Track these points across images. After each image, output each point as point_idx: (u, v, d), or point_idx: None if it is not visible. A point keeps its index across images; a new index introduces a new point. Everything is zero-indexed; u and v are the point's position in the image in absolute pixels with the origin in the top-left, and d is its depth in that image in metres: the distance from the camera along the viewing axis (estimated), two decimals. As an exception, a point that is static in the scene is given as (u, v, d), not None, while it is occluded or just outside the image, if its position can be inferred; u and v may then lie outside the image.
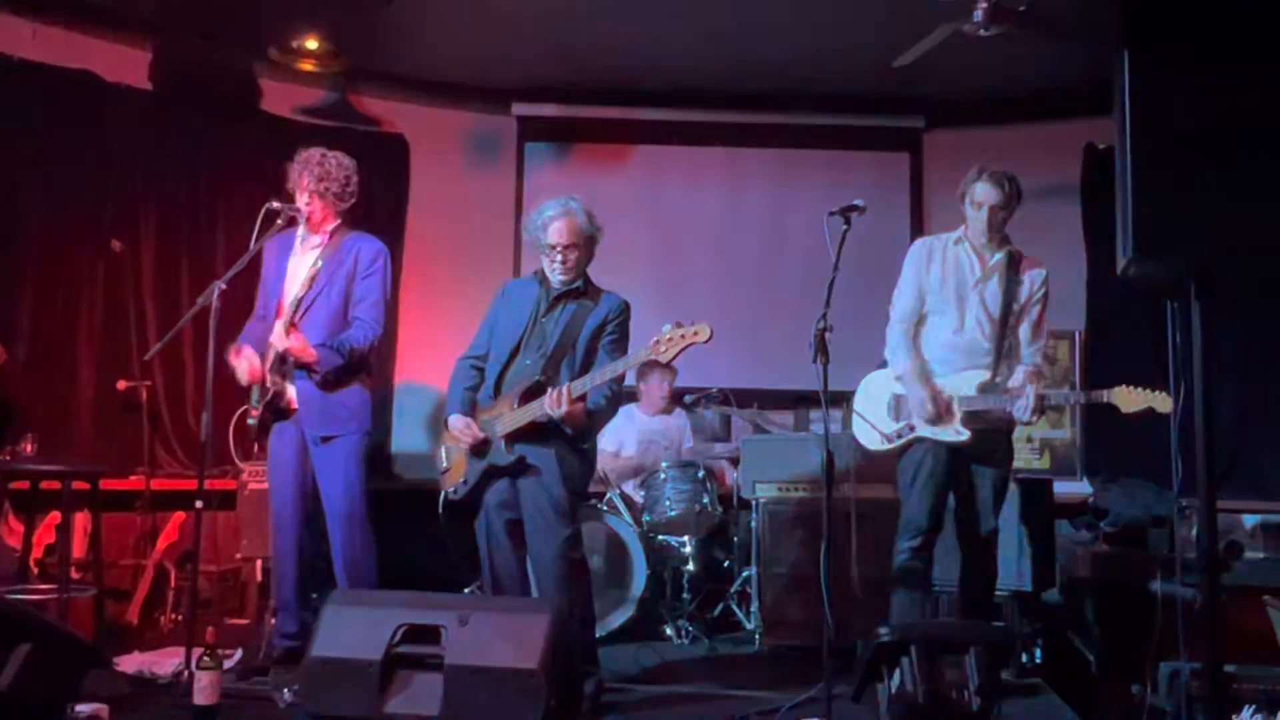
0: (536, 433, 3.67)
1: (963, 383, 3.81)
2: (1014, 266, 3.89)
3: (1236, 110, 2.42)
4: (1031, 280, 3.92)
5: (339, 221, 4.08)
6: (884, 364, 4.03)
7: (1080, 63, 5.09)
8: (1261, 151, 2.42)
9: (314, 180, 3.96)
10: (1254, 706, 3.12)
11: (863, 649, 3.28)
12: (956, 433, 3.77)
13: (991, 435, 3.82)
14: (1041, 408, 3.70)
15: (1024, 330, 3.89)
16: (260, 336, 4.02)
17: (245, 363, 3.98)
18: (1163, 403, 3.51)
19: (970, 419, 3.76)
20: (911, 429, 3.84)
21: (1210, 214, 2.43)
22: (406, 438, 6.49)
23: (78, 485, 4.43)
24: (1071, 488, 5.82)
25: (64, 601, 4.22)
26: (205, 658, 3.23)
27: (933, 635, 2.97)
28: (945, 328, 3.89)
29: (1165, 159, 2.43)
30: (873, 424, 3.94)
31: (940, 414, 3.78)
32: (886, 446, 3.90)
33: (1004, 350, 3.87)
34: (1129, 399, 3.60)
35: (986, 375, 3.82)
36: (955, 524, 3.86)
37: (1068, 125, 6.42)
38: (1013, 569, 4.27)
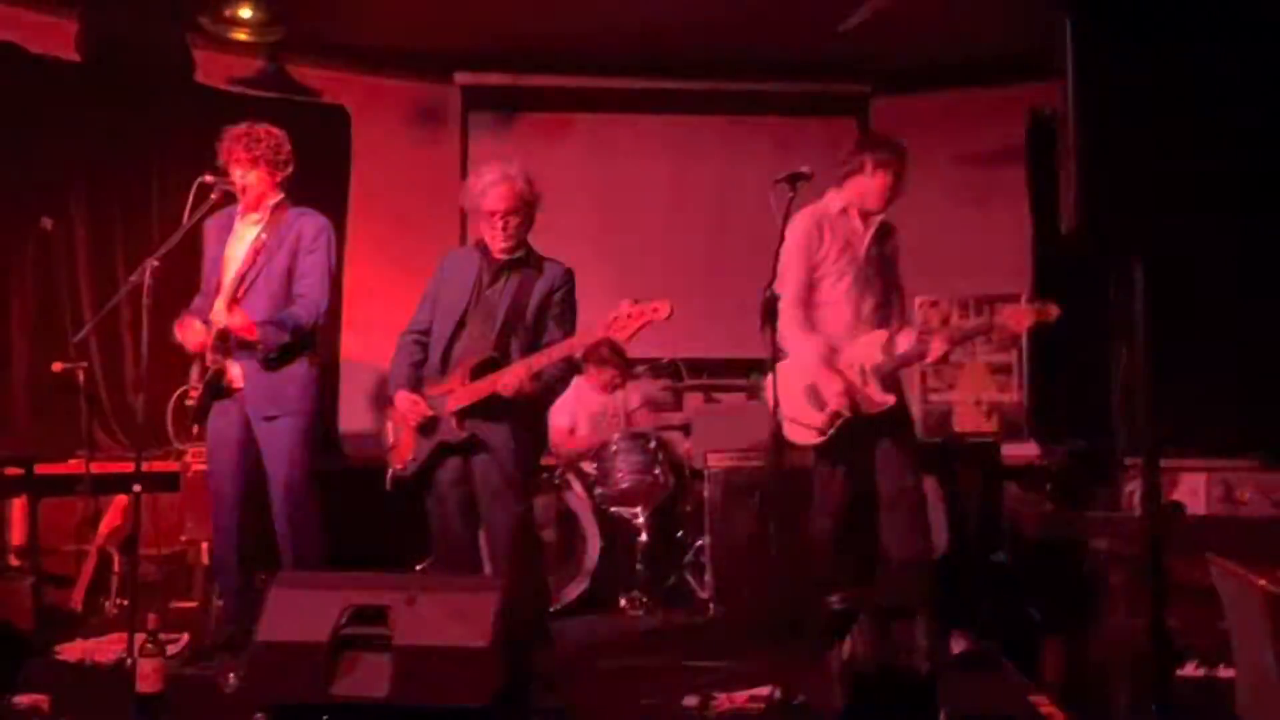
0: (487, 408, 3.63)
1: (867, 349, 3.85)
2: (884, 229, 3.98)
3: (1179, 74, 2.43)
4: (894, 240, 4.02)
5: (281, 197, 3.98)
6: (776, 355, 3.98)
7: (1024, 26, 5.08)
8: (1204, 115, 2.43)
9: (245, 151, 3.85)
10: (1195, 660, 3.18)
11: (814, 616, 3.30)
12: (882, 402, 3.80)
13: (896, 392, 3.89)
14: (951, 347, 3.81)
15: (896, 282, 4.01)
16: (205, 314, 3.93)
17: (191, 330, 3.88)
18: (1050, 312, 3.63)
19: (885, 383, 3.81)
20: (840, 414, 3.80)
21: (1154, 177, 2.44)
22: (352, 415, 6.39)
23: (11, 471, 4.31)
24: (1020, 450, 5.89)
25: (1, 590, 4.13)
26: (148, 644, 3.16)
27: (882, 602, 2.99)
28: (840, 300, 3.90)
29: (1110, 124, 2.44)
30: (801, 421, 3.86)
31: (858, 396, 3.79)
32: (822, 439, 3.85)
33: (892, 312, 3.97)
34: (1018, 317, 3.71)
35: (885, 334, 3.88)
36: (883, 490, 3.87)
37: (1012, 89, 6.43)
38: (959, 532, 4.32)
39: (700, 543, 5.09)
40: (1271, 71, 2.47)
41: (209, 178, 3.84)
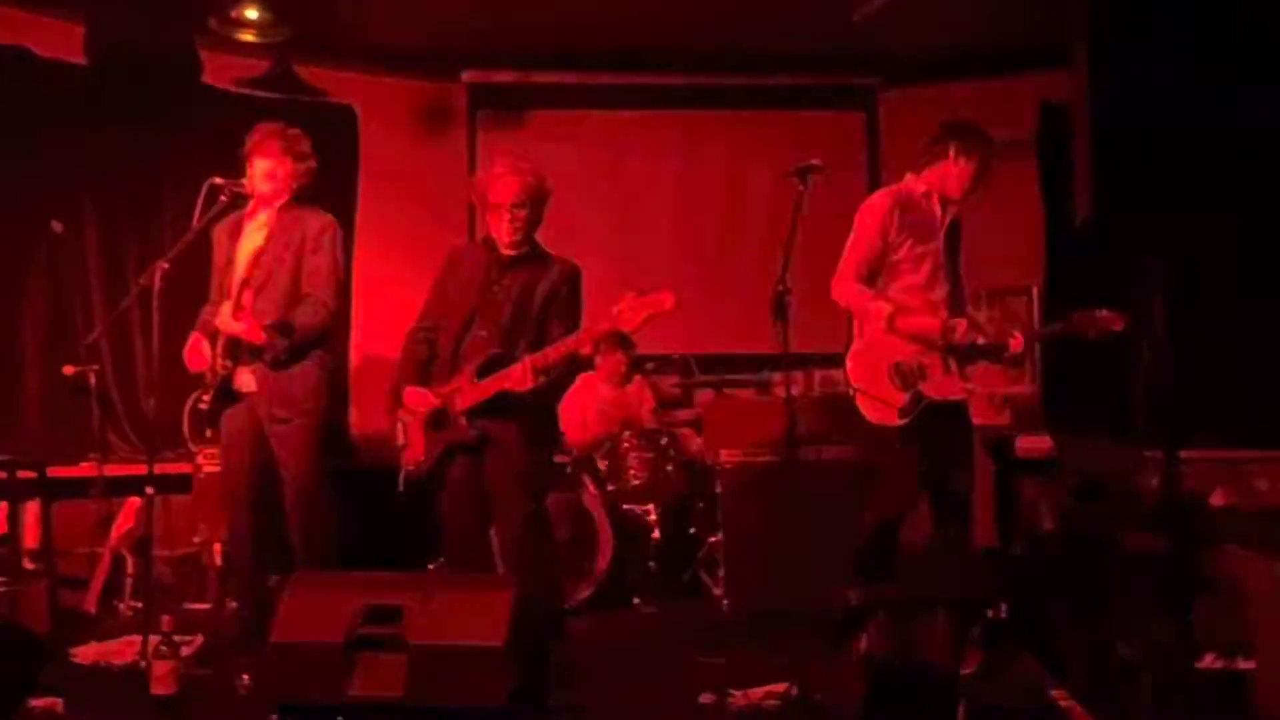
0: (497, 406, 3.61)
1: (950, 330, 3.75)
2: (955, 221, 3.91)
3: (1195, 66, 2.41)
4: (960, 234, 3.93)
5: (287, 198, 3.97)
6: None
7: (1033, 16, 5.06)
8: (1220, 109, 2.41)
9: (278, 142, 3.85)
10: (1217, 652, 3.15)
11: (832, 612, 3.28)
12: (966, 390, 3.74)
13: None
14: (1030, 344, 3.78)
15: (961, 275, 3.92)
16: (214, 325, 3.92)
17: (196, 354, 3.88)
18: (1116, 322, 3.59)
19: (964, 371, 3.75)
20: (923, 396, 3.70)
21: (1169, 164, 2.41)
22: (364, 415, 6.40)
23: (24, 474, 4.31)
24: (1034, 442, 5.85)
25: (15, 593, 4.13)
26: (162, 646, 3.16)
27: (901, 597, 2.96)
28: (913, 283, 3.81)
29: (1124, 117, 2.42)
30: (882, 398, 3.73)
31: (950, 347, 3.70)
32: (902, 421, 3.71)
33: (958, 300, 3.88)
34: (1090, 324, 3.64)
35: (967, 321, 3.79)
36: (931, 487, 3.80)
37: (1021, 80, 6.39)
38: (977, 525, 4.29)
39: (713, 539, 5.07)
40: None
41: (219, 179, 3.83)
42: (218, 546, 5.00)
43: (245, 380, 3.87)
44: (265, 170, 3.87)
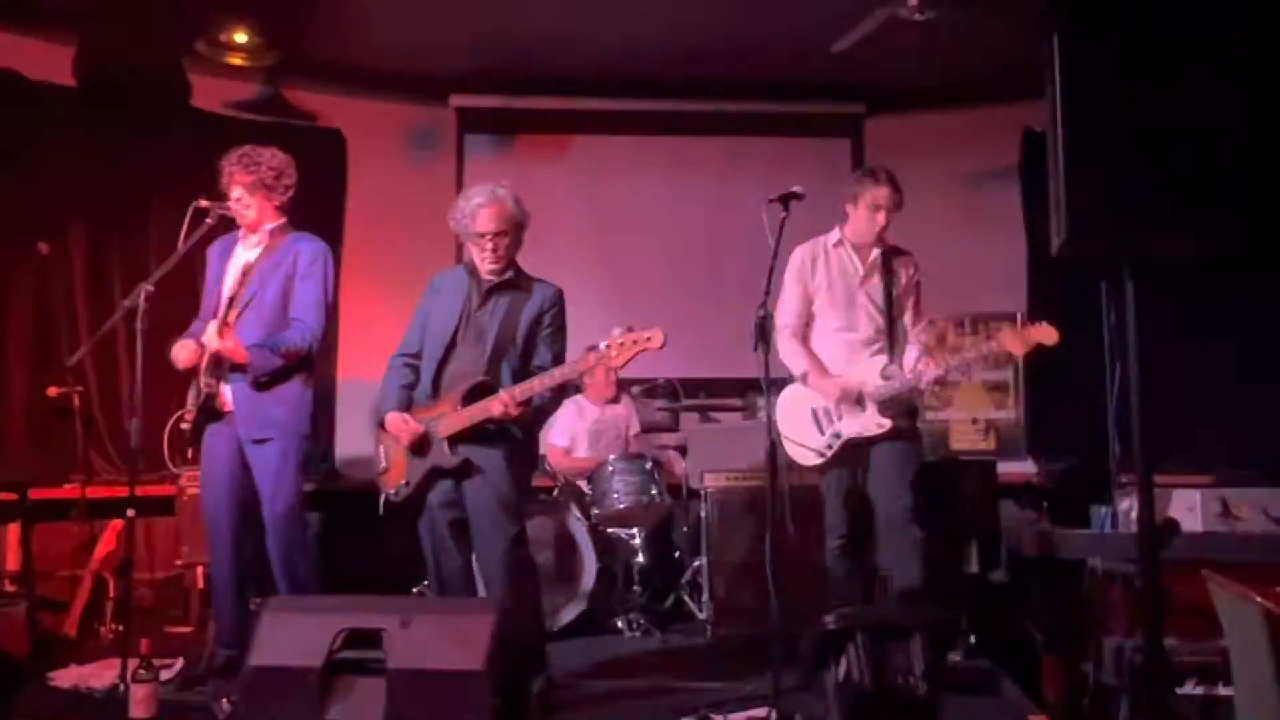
0: (480, 432, 3.61)
1: (866, 373, 3.93)
2: (888, 260, 4.04)
3: (1166, 90, 2.44)
4: (906, 270, 4.07)
5: (281, 221, 3.98)
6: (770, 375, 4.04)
7: (1017, 46, 5.09)
8: (1191, 130, 2.44)
9: (244, 173, 3.86)
10: (1195, 679, 3.16)
11: (810, 636, 3.28)
12: (879, 425, 3.87)
13: (904, 416, 3.95)
14: (946, 373, 3.86)
15: (907, 318, 4.05)
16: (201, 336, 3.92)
17: (183, 349, 3.86)
18: (1047, 335, 3.67)
19: (884, 406, 3.88)
20: (839, 435, 3.92)
21: (1142, 193, 2.44)
22: (349, 438, 6.39)
23: (6, 496, 4.30)
24: (1017, 467, 5.88)
25: (-6, 616, 4.11)
26: (141, 670, 3.14)
27: (878, 621, 2.97)
28: (836, 328, 4.02)
29: (1097, 140, 2.44)
30: (802, 443, 4.00)
31: (855, 399, 3.89)
32: (821, 460, 3.97)
33: (894, 340, 4.02)
34: (1015, 340, 3.73)
35: (884, 360, 3.96)
36: (879, 511, 3.92)
37: (1006, 109, 6.46)
38: (959, 550, 4.32)
39: (697, 563, 5.07)
40: (1261, 90, 2.48)
41: (204, 202, 3.84)
42: (200, 569, 4.99)
43: (228, 398, 3.87)
44: (238, 197, 3.89)
